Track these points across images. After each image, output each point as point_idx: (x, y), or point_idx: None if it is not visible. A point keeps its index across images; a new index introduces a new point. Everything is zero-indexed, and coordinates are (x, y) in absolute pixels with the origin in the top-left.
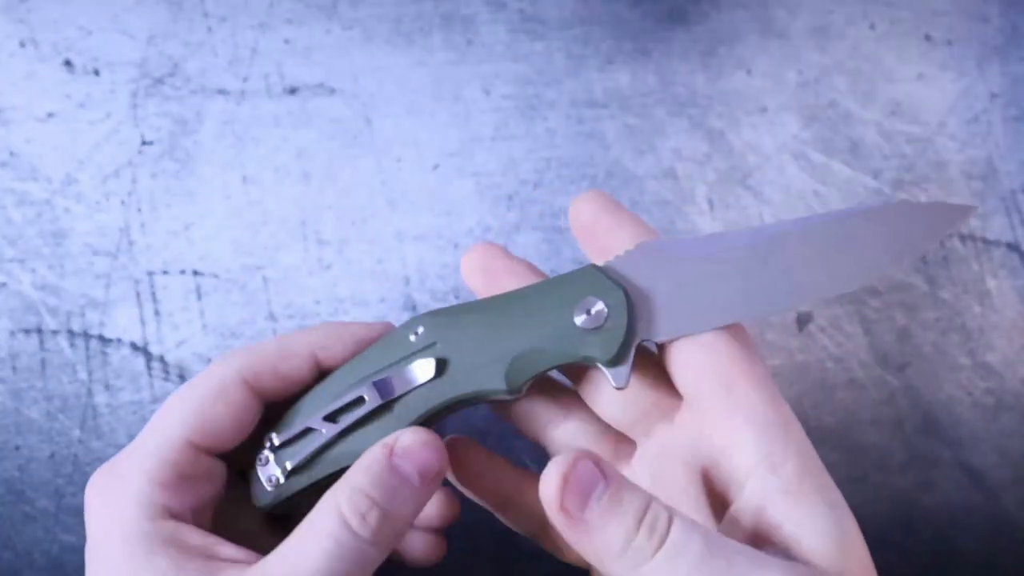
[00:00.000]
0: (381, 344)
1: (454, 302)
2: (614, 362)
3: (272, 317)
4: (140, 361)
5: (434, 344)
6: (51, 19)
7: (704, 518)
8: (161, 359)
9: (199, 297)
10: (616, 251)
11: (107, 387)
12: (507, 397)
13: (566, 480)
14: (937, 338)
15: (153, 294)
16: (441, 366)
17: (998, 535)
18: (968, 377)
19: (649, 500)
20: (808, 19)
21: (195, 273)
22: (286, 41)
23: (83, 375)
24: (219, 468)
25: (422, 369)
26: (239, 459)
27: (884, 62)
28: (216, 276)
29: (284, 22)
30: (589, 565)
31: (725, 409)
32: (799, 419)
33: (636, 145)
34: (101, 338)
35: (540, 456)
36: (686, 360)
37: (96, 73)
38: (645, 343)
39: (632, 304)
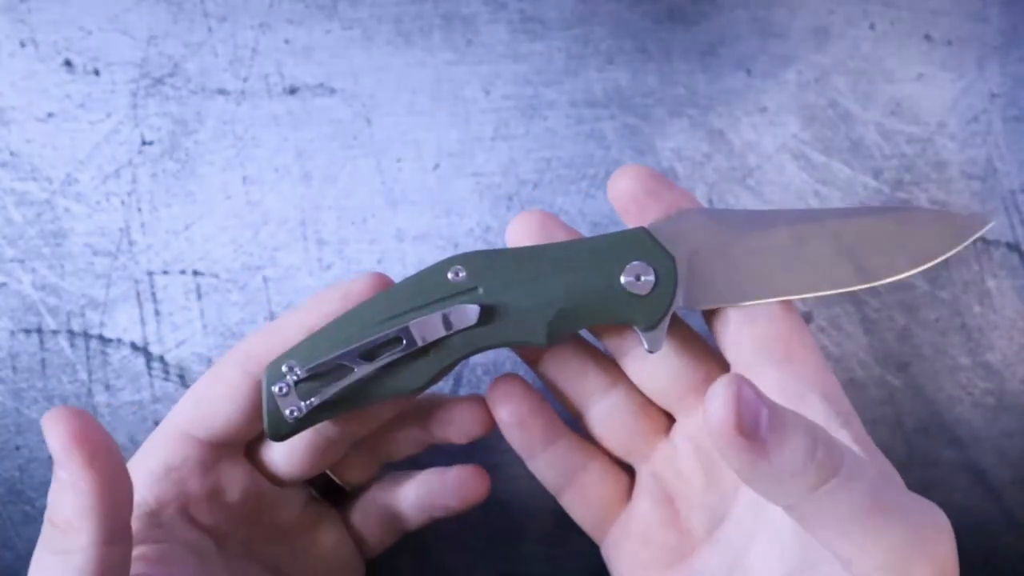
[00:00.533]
0: (417, 278)
1: None
2: (651, 327)
3: (272, 317)
4: (140, 361)
5: (476, 288)
6: (51, 19)
7: None
8: (161, 359)
9: (199, 297)
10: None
11: (107, 387)
12: (538, 345)
13: (739, 400)
14: (937, 338)
15: (153, 294)
16: (485, 314)
17: (998, 535)
18: (968, 377)
19: (814, 423)
20: (808, 19)
21: (195, 273)
22: (286, 41)
23: (83, 375)
24: (240, 469)
25: (466, 315)
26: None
27: (884, 62)
28: (216, 276)
29: (284, 22)
30: (605, 555)
31: (786, 378)
32: None
33: (636, 145)
34: (101, 338)
35: None
36: (742, 330)
37: (96, 73)
38: (681, 311)
39: (678, 273)
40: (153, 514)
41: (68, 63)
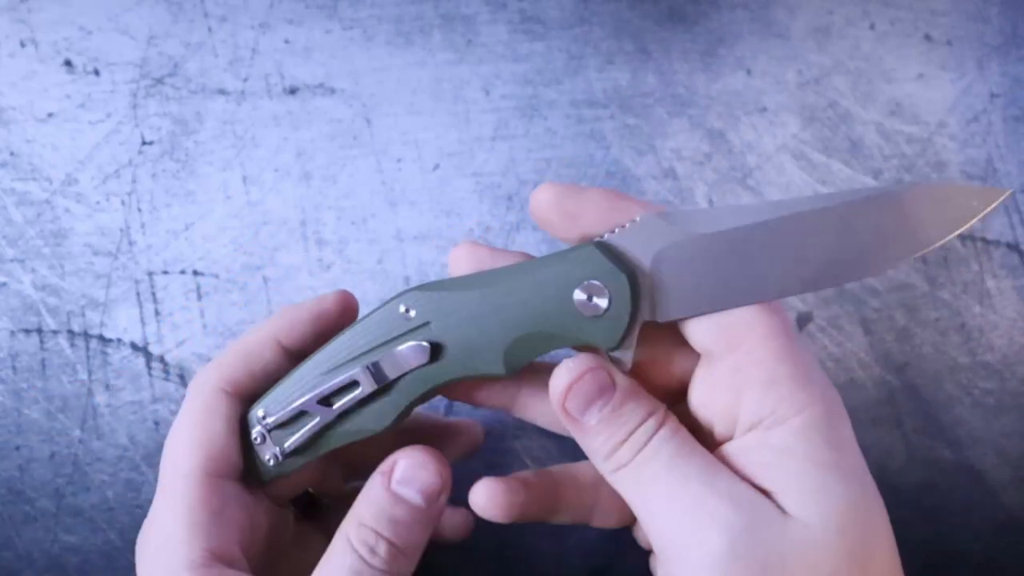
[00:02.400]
0: (371, 319)
1: None
2: (616, 347)
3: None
4: (140, 361)
5: (427, 324)
6: (51, 19)
7: None
8: (161, 359)
9: (199, 297)
10: (593, 231)
11: (107, 387)
12: (504, 377)
13: (570, 388)
14: (937, 338)
15: (153, 294)
16: (436, 350)
17: (998, 535)
18: (968, 377)
19: (647, 415)
20: (808, 19)
21: (195, 273)
22: (286, 41)
23: (83, 375)
24: (254, 497)
25: (416, 354)
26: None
27: (884, 62)
28: (216, 276)
29: (284, 22)
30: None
31: (730, 368)
32: None
33: (636, 145)
34: (101, 338)
35: (540, 457)
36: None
37: (96, 73)
38: (648, 323)
39: (636, 287)
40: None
41: (68, 63)
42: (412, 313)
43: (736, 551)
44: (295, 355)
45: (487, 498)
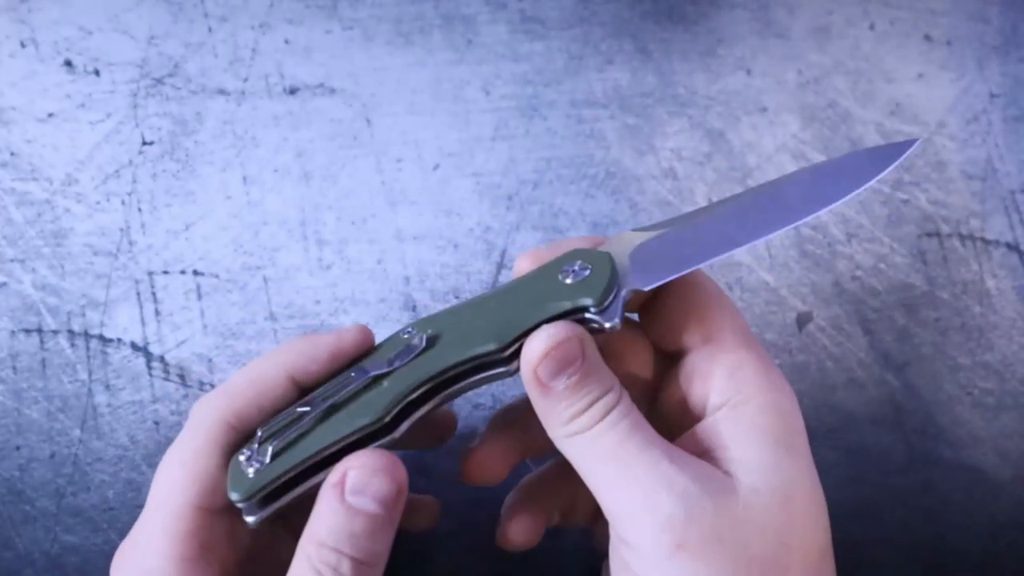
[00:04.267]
0: (377, 346)
1: (454, 302)
2: (604, 307)
3: (272, 317)
4: (140, 361)
5: (425, 331)
6: (51, 19)
7: None
8: (161, 359)
9: (199, 297)
10: None
11: (107, 387)
12: (502, 369)
13: (546, 354)
14: (937, 338)
15: (153, 294)
16: (430, 341)
17: (998, 535)
18: (968, 377)
19: (609, 388)
20: (808, 19)
21: (195, 273)
22: (286, 41)
23: (83, 375)
24: (242, 528)
25: (411, 343)
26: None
27: (884, 62)
28: (216, 276)
29: (284, 22)
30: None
31: (705, 357)
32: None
33: (636, 145)
34: (101, 338)
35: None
36: (664, 319)
37: (96, 73)
38: (632, 291)
39: (615, 263)
40: None
41: (68, 63)
42: (413, 331)
43: (691, 516)
44: (306, 390)
45: (521, 535)
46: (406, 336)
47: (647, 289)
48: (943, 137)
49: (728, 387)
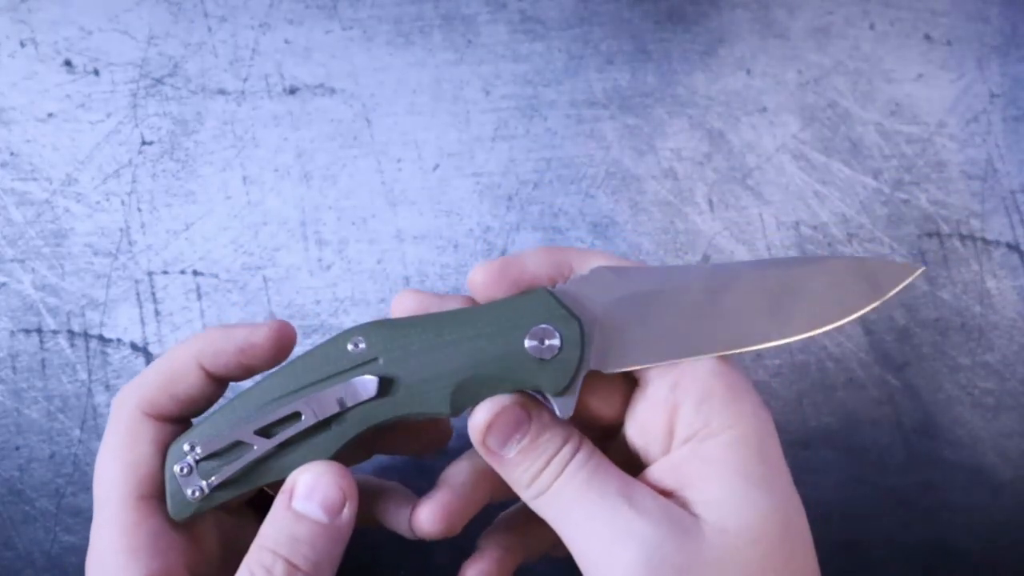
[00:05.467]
0: (315, 352)
1: None
2: (562, 393)
3: (272, 317)
4: (140, 361)
5: (376, 360)
6: (51, 19)
7: None
8: None
9: (199, 297)
10: (531, 283)
11: (107, 387)
12: (452, 416)
13: (490, 425)
14: (937, 338)
15: (153, 294)
16: (384, 385)
17: (998, 535)
18: (968, 377)
19: (563, 443)
20: (808, 19)
21: (195, 273)
22: (286, 41)
23: (83, 375)
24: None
25: (364, 387)
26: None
27: (884, 62)
28: (216, 276)
29: (284, 22)
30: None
31: (670, 385)
32: (799, 419)
33: (636, 145)
34: (101, 338)
35: None
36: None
37: (96, 73)
38: (593, 372)
39: (586, 334)
40: None
41: (68, 63)
42: (362, 346)
43: (651, 562)
44: (221, 380)
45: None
46: (350, 347)
47: (607, 372)
48: (943, 137)
49: (695, 420)
